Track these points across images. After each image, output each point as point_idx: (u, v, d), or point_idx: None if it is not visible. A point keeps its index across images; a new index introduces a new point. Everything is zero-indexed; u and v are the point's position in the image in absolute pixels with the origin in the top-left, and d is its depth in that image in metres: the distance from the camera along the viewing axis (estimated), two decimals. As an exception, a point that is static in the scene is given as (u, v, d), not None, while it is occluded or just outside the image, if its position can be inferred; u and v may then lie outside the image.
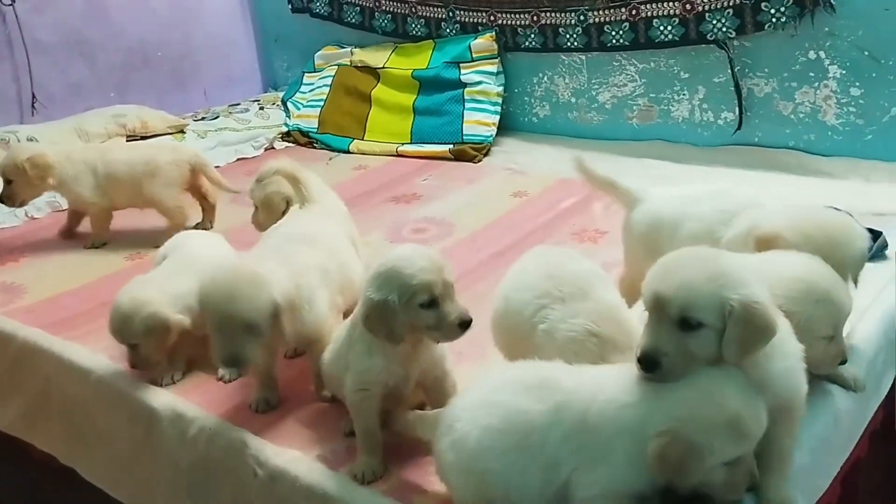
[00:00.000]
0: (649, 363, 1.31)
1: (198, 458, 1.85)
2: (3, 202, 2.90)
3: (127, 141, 3.77)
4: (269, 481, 1.69)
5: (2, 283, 2.69)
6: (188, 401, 1.94)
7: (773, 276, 1.55)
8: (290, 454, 1.70)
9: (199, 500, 1.87)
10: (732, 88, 3.32)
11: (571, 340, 1.56)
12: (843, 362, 1.66)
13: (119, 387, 2.05)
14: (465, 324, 1.56)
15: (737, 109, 3.34)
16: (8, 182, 2.85)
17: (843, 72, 3.08)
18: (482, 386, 1.46)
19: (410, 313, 1.55)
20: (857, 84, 3.07)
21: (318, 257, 1.93)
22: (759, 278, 1.49)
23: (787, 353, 1.39)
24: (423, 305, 1.55)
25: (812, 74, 3.15)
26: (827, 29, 3.06)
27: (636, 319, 1.59)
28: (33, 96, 3.96)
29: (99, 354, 2.18)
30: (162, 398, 1.96)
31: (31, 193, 2.91)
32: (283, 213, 2.40)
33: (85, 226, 3.04)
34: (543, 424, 1.34)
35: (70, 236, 3.04)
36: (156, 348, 1.99)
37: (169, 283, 2.08)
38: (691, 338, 1.30)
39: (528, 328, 1.64)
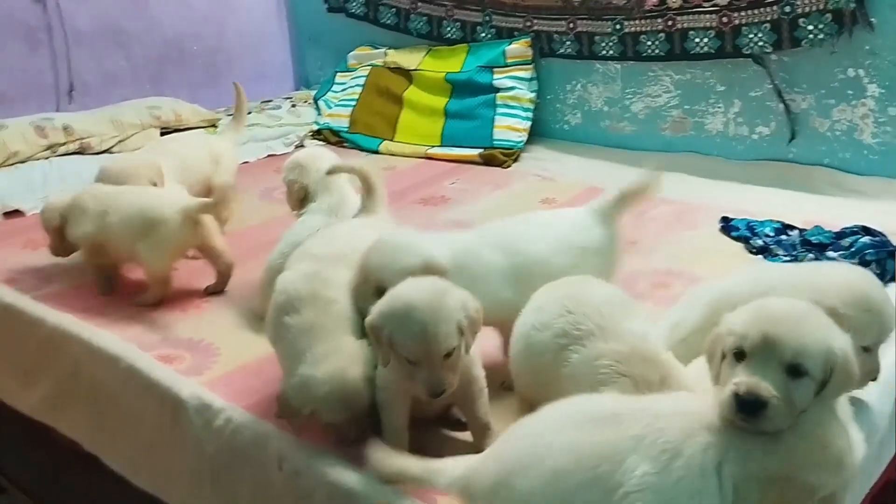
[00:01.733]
0: (756, 405, 1.21)
1: (223, 448, 1.85)
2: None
3: (161, 134, 3.80)
4: (293, 475, 1.69)
5: (33, 268, 2.71)
6: (215, 391, 1.95)
7: (826, 282, 1.57)
8: (316, 449, 1.70)
9: (222, 490, 1.87)
10: (769, 103, 3.30)
11: (600, 384, 1.50)
12: (874, 379, 1.64)
13: (147, 375, 2.05)
14: (434, 394, 1.55)
15: (775, 124, 3.32)
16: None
17: (882, 91, 3.06)
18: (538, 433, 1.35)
19: (395, 354, 1.56)
20: (896, 104, 3.05)
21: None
22: (811, 283, 1.55)
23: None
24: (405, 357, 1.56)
25: (850, 92, 3.13)
26: (867, 47, 3.04)
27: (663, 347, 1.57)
28: (70, 85, 3.99)
29: (128, 342, 2.19)
30: (189, 388, 1.97)
31: None
32: (302, 202, 2.40)
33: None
34: (616, 453, 1.25)
35: None
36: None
37: None
38: (796, 386, 1.23)
39: (552, 372, 1.58)
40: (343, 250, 1.95)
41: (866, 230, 2.51)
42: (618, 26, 3.59)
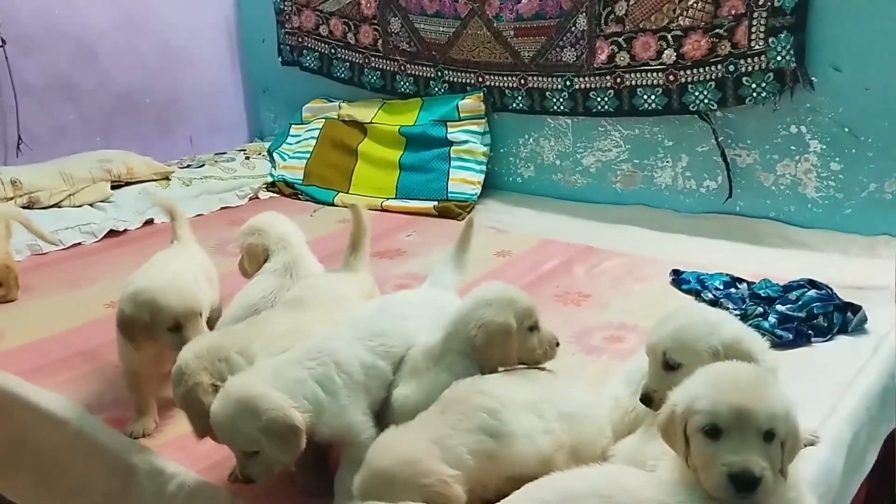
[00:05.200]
0: (754, 482, 1.23)
1: (175, 514, 1.81)
2: None
3: (111, 188, 3.76)
4: (248, 540, 1.67)
5: (-23, 327, 2.65)
6: (167, 456, 1.91)
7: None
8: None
9: (174, 559, 1.83)
10: (715, 158, 3.39)
11: None
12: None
13: (97, 439, 2.01)
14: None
15: (722, 178, 3.40)
16: None
17: (824, 147, 3.15)
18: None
19: None
20: (837, 159, 3.13)
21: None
22: None
23: None
24: None
25: (793, 148, 3.22)
26: (808, 105, 3.14)
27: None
28: (19, 138, 3.94)
29: (77, 404, 2.14)
30: (140, 453, 1.93)
31: None
32: (264, 262, 2.40)
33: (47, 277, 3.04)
34: None
35: None
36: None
37: None
38: (770, 449, 1.27)
39: None
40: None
41: (812, 283, 2.56)
42: (568, 83, 3.67)
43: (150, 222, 3.70)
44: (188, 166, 4.22)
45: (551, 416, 1.58)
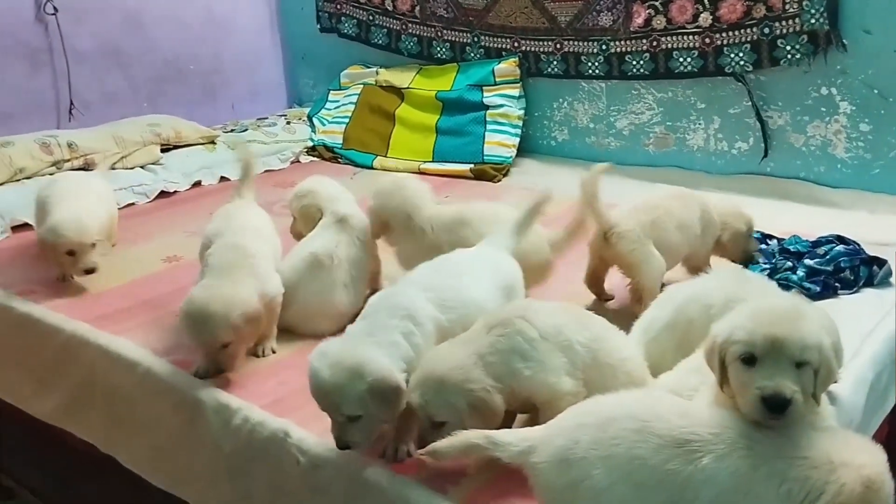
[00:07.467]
0: (784, 404, 1.34)
1: (240, 445, 1.95)
2: None
3: (161, 150, 3.91)
4: (311, 469, 1.80)
5: (45, 279, 2.78)
6: (232, 392, 2.05)
7: None
8: (332, 444, 1.79)
9: (239, 485, 1.97)
10: (747, 120, 3.47)
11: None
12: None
13: (165, 378, 2.16)
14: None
15: (753, 139, 3.48)
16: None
17: (853, 108, 3.22)
18: (605, 426, 1.39)
19: None
20: (867, 120, 3.20)
21: None
22: None
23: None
24: None
25: (823, 109, 3.29)
26: (839, 67, 3.20)
27: None
28: (71, 103, 4.09)
29: (144, 348, 2.29)
30: (207, 389, 2.07)
31: None
32: (318, 221, 2.54)
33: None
34: (695, 484, 1.33)
35: None
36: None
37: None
38: (802, 375, 1.36)
39: None
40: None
41: (840, 239, 2.64)
42: (604, 47, 3.75)
43: (198, 184, 3.85)
44: (232, 130, 4.35)
45: (580, 363, 1.70)
